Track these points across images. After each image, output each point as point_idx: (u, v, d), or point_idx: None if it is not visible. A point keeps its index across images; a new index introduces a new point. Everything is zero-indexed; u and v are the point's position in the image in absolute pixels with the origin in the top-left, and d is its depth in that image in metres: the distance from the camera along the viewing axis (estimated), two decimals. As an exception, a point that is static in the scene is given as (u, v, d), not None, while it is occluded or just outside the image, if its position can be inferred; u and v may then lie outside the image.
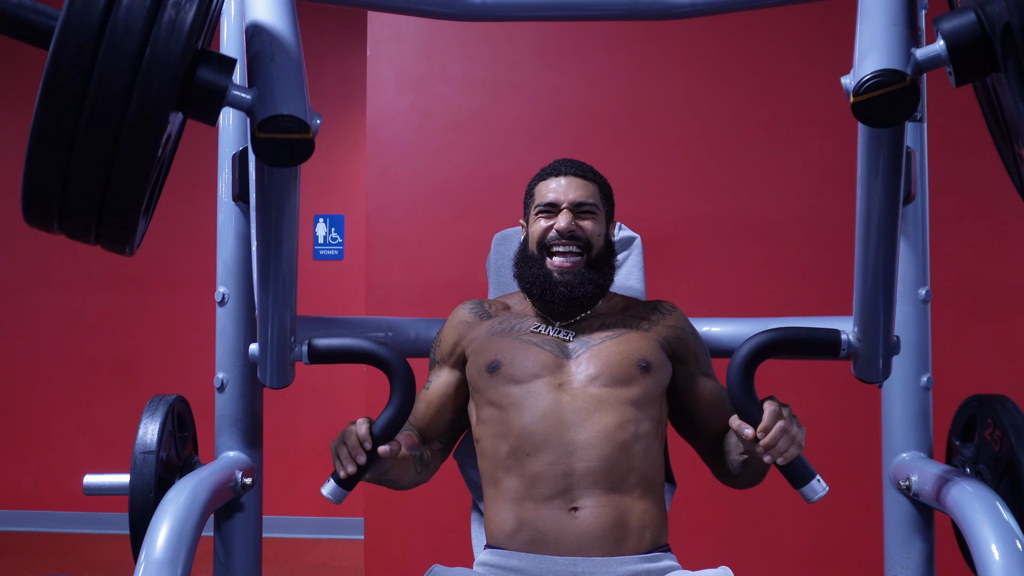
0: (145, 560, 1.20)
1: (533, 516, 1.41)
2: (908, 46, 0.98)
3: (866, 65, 0.97)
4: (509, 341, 1.52)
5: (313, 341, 1.40)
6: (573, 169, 1.59)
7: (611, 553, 1.39)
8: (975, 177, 2.77)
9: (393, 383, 1.36)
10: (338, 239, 4.55)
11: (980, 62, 0.97)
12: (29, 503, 4.49)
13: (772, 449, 1.26)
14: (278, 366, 1.39)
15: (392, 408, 1.35)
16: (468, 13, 1.72)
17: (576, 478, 1.40)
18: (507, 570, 1.41)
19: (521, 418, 1.44)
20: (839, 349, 1.35)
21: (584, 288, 1.52)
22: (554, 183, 1.58)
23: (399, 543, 2.67)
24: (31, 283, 4.55)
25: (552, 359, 1.49)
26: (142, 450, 1.48)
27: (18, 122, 4.57)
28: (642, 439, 1.45)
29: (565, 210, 1.55)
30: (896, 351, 1.36)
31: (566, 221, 1.53)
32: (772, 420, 1.26)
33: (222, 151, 1.65)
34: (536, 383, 1.46)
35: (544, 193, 1.58)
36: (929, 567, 1.62)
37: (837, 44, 2.93)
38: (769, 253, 2.70)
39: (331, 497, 1.35)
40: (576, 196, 1.56)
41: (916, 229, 1.65)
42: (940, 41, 0.97)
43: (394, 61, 2.78)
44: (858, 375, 1.39)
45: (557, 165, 1.61)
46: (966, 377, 2.27)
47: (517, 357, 1.49)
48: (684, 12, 1.74)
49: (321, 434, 4.47)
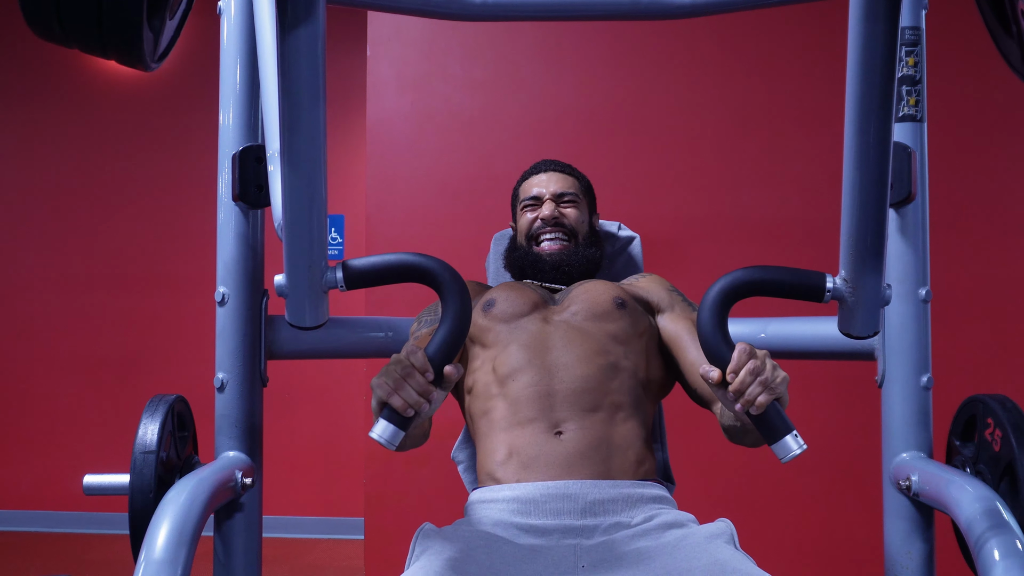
0: (145, 560, 1.20)
1: (521, 441, 1.42)
2: None
3: None
4: (508, 286, 1.63)
5: (349, 262, 1.22)
6: (553, 165, 1.75)
7: (600, 475, 1.38)
8: (975, 177, 2.77)
9: (445, 297, 1.19)
10: (338, 239, 4.55)
11: None
12: (29, 503, 4.49)
13: (742, 397, 1.13)
14: (310, 296, 1.20)
15: (447, 324, 1.17)
16: (468, 13, 1.72)
17: (557, 399, 1.43)
18: (500, 501, 1.39)
19: (508, 348, 1.51)
20: (823, 293, 1.21)
21: (571, 260, 1.65)
22: (536, 179, 1.74)
23: (399, 543, 2.66)
24: (31, 283, 4.55)
25: (540, 300, 1.59)
26: (142, 450, 1.48)
27: (18, 122, 4.57)
28: (622, 371, 1.48)
29: (548, 200, 1.69)
30: (887, 301, 1.23)
31: (550, 209, 1.68)
32: (742, 359, 1.14)
33: (222, 151, 1.65)
34: (523, 320, 1.54)
35: (528, 189, 1.74)
36: (929, 567, 1.62)
37: (837, 44, 2.93)
38: (769, 253, 2.70)
39: (387, 441, 1.13)
40: (557, 188, 1.71)
41: (916, 229, 1.65)
42: None
43: (394, 61, 2.78)
44: (844, 329, 1.24)
45: (538, 164, 1.77)
46: (966, 377, 2.27)
47: (510, 296, 1.58)
48: (684, 12, 1.74)
49: (321, 434, 4.49)
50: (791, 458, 1.14)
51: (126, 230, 4.51)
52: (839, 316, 1.25)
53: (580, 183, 1.74)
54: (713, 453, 2.43)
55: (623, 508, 1.36)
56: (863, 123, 1.08)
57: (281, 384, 2.13)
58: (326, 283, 1.20)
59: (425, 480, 2.66)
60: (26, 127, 4.58)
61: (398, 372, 1.13)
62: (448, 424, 1.92)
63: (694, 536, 1.31)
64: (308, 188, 1.13)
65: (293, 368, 2.09)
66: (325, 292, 1.21)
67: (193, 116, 4.29)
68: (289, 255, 1.17)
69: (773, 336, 1.72)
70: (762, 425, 1.15)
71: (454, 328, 1.17)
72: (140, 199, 4.53)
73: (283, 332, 1.68)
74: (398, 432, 1.13)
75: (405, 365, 1.13)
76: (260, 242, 1.67)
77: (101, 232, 4.52)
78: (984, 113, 2.77)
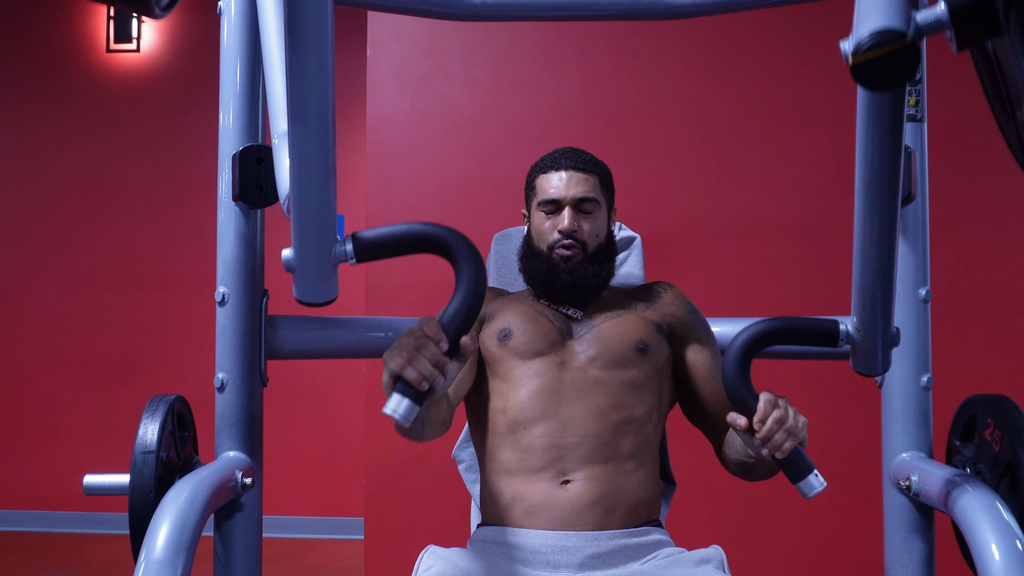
0: (145, 560, 1.20)
1: (525, 489, 1.42)
2: (908, 9, 0.96)
3: (865, 26, 0.94)
4: (522, 310, 1.55)
5: (358, 233, 1.17)
6: (574, 162, 1.57)
7: (601, 526, 1.39)
8: (975, 177, 2.77)
9: (459, 267, 1.14)
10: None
11: (981, 24, 0.95)
12: (29, 503, 4.49)
13: (769, 442, 1.24)
14: (319, 270, 1.17)
15: (462, 293, 1.12)
16: (468, 13, 1.72)
17: (567, 450, 1.42)
18: (499, 544, 1.41)
19: (520, 393, 1.47)
20: (837, 339, 1.33)
21: (587, 279, 1.54)
22: (555, 178, 1.57)
23: (399, 543, 2.67)
24: (31, 283, 4.55)
25: (557, 336, 1.52)
26: (142, 450, 1.48)
27: (18, 122, 4.57)
28: (636, 421, 1.46)
29: (568, 209, 1.55)
30: (896, 343, 1.34)
31: (568, 222, 1.54)
32: (768, 410, 1.24)
33: (222, 151, 1.64)
34: (539, 361, 1.49)
35: (545, 188, 1.58)
36: (929, 567, 1.62)
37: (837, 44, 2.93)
38: (769, 253, 2.70)
39: (403, 416, 1.07)
40: (577, 192, 1.55)
41: (916, 229, 1.65)
42: (941, 4, 0.96)
43: (394, 61, 2.78)
44: (857, 368, 1.38)
45: (557, 158, 1.59)
46: (966, 377, 2.27)
47: (527, 329, 1.51)
48: (684, 12, 1.74)
49: (321, 434, 4.49)
50: (814, 495, 1.26)
51: (126, 230, 4.51)
52: (852, 356, 1.36)
53: (601, 181, 1.59)
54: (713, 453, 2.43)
55: (620, 560, 1.39)
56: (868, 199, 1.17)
57: (281, 384, 2.13)
58: (335, 256, 1.16)
59: (425, 480, 2.66)
60: (26, 127, 4.57)
61: (411, 343, 1.07)
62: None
63: (684, 560, 1.36)
64: (319, 154, 1.09)
65: (293, 368, 2.08)
66: (335, 266, 1.18)
67: (193, 116, 4.29)
68: (297, 228, 1.14)
69: (773, 336, 1.71)
70: (786, 466, 1.26)
71: (469, 297, 1.12)
72: (140, 199, 4.53)
73: (283, 332, 1.68)
74: (413, 407, 1.07)
75: (419, 336, 1.08)
76: (260, 242, 1.67)
77: (101, 232, 4.52)
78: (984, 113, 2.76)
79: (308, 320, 1.68)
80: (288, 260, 1.17)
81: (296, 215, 1.13)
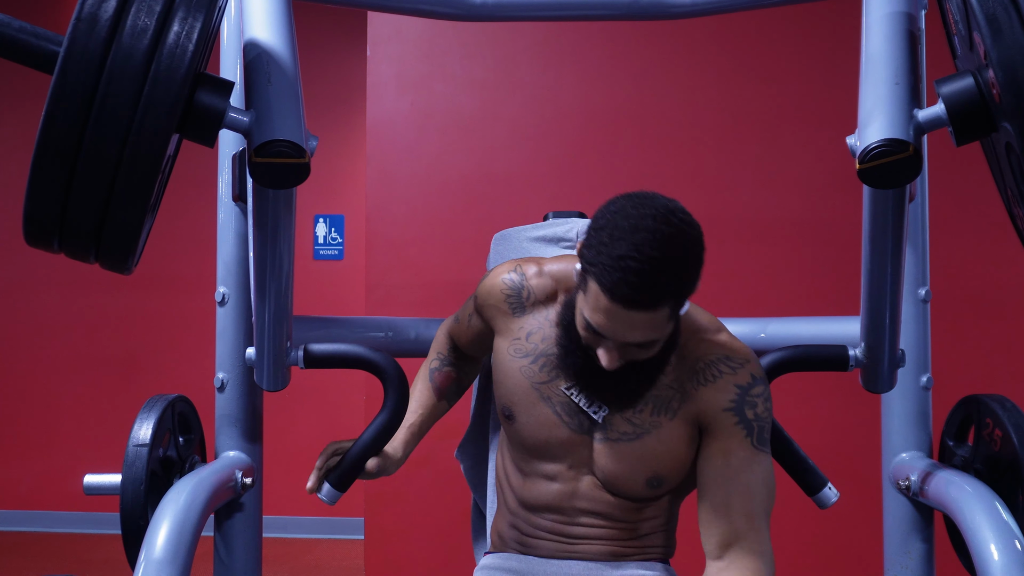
0: (145, 560, 1.20)
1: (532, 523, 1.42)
2: (911, 107, 1.05)
3: (871, 132, 1.03)
4: (530, 393, 1.35)
5: (309, 346, 1.45)
6: (639, 301, 1.13)
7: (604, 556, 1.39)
8: (975, 177, 2.77)
9: (387, 389, 1.41)
10: (338, 239, 4.55)
11: (979, 124, 1.02)
12: (29, 503, 4.49)
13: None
14: (274, 370, 1.44)
15: (384, 415, 1.40)
16: (468, 13, 1.72)
17: (578, 534, 1.40)
18: (503, 571, 1.41)
19: (535, 487, 1.39)
20: (847, 363, 1.46)
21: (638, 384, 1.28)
22: (610, 315, 1.15)
23: (399, 543, 2.67)
24: (31, 283, 4.55)
25: (570, 439, 1.34)
26: (135, 444, 1.48)
27: (18, 123, 4.57)
28: (649, 519, 1.41)
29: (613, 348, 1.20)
30: (901, 364, 1.44)
31: (608, 360, 1.21)
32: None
33: (222, 151, 1.65)
34: (550, 466, 1.37)
35: (594, 311, 1.16)
36: (929, 567, 1.62)
37: (837, 44, 2.93)
38: (769, 253, 2.70)
39: (325, 498, 1.40)
40: (631, 338, 1.18)
41: (916, 229, 1.66)
42: (941, 104, 1.02)
43: (394, 61, 2.78)
44: (865, 386, 1.49)
45: (622, 287, 1.12)
46: (966, 377, 2.27)
47: (532, 422, 1.34)
48: (684, 12, 1.74)
49: (321, 434, 4.48)
50: (829, 505, 1.43)
51: (126, 230, 4.51)
52: (861, 375, 1.48)
53: (673, 305, 1.17)
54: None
55: None
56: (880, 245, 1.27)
57: (281, 384, 2.13)
58: (288, 361, 1.45)
59: (425, 480, 2.66)
60: (25, 126, 4.58)
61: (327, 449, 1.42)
62: (449, 424, 1.92)
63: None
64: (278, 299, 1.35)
65: (293, 368, 2.08)
66: (287, 368, 1.46)
67: (193, 116, 4.29)
68: (258, 339, 1.40)
69: (773, 336, 1.71)
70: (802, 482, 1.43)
71: (389, 421, 1.40)
72: (140, 199, 4.52)
73: (283, 332, 1.69)
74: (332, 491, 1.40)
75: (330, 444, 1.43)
76: (260, 242, 1.68)
77: (101, 232, 4.52)
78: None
79: (308, 320, 1.68)
80: (249, 357, 1.47)
81: (258, 325, 1.38)
